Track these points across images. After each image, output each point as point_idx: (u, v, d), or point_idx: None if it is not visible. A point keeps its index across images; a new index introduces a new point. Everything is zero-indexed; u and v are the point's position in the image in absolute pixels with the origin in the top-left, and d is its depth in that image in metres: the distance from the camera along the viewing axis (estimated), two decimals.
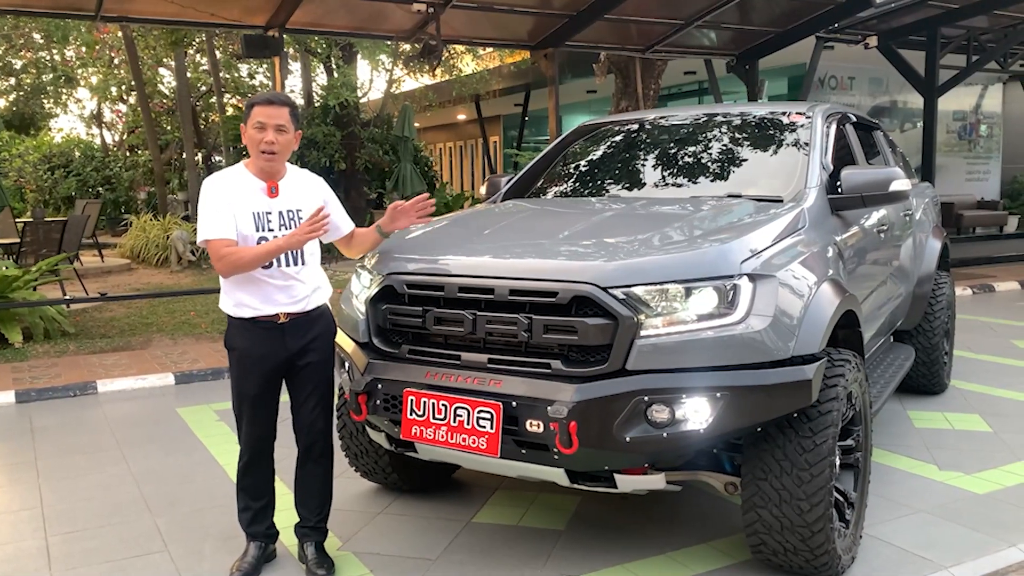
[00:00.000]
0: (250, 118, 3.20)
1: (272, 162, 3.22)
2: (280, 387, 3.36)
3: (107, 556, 3.62)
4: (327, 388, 3.40)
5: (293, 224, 3.24)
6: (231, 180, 3.24)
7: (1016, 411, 5.49)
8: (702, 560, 3.47)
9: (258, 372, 3.26)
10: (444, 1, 8.79)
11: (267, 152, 3.18)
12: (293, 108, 3.25)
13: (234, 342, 3.30)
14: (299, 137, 3.32)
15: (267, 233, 3.19)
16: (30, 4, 7.83)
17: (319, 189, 3.40)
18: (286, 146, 3.22)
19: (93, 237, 15.43)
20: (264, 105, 3.20)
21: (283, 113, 3.20)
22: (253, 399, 3.29)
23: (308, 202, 3.30)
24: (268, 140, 3.16)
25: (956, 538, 3.63)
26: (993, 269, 12.70)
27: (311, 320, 3.31)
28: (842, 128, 4.65)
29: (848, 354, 3.32)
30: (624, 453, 2.92)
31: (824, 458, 3.01)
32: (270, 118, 3.17)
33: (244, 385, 3.29)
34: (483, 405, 3.01)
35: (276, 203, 3.24)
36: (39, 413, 5.94)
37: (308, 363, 3.31)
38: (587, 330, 2.92)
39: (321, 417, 3.39)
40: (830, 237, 3.72)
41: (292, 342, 3.26)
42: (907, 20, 11.97)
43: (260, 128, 3.17)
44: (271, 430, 3.39)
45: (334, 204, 3.43)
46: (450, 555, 3.56)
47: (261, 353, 3.25)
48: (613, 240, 3.24)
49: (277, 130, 3.18)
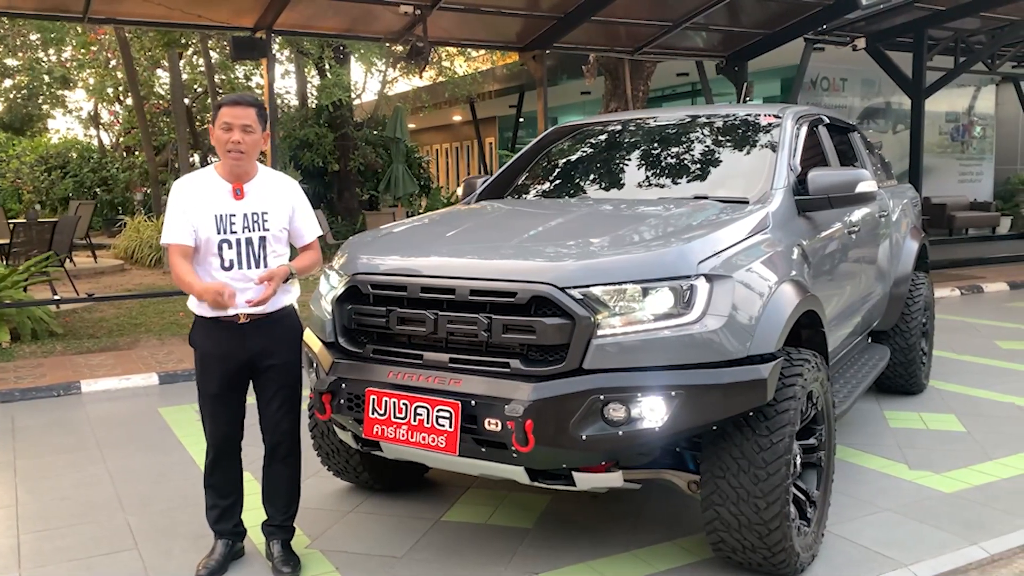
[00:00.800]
0: (217, 119, 3.23)
1: (240, 162, 3.24)
2: (245, 387, 3.39)
3: (76, 554, 3.65)
4: (292, 390, 3.42)
5: (257, 227, 3.25)
6: (198, 182, 3.28)
7: (992, 411, 5.52)
8: (666, 558, 3.50)
9: (219, 371, 3.29)
10: (431, 3, 8.84)
11: (234, 152, 3.20)
12: (260, 108, 3.27)
13: (197, 340, 3.34)
14: (267, 137, 3.34)
15: (229, 236, 3.22)
16: (16, 5, 7.87)
17: (289, 193, 3.39)
18: (253, 146, 3.24)
19: (86, 238, 15.48)
20: (230, 106, 3.22)
21: (249, 113, 3.22)
22: (214, 398, 3.32)
23: (275, 205, 3.32)
24: (235, 140, 3.18)
25: (919, 536, 3.66)
26: (984, 270, 12.73)
27: (273, 322, 3.32)
28: (814, 130, 4.68)
29: (808, 354, 3.35)
30: (581, 451, 2.95)
31: (780, 456, 3.04)
32: (236, 118, 3.19)
33: (205, 383, 3.32)
34: (442, 404, 3.04)
35: (241, 205, 3.26)
36: (21, 413, 5.97)
37: (272, 365, 3.33)
38: (545, 330, 2.95)
39: (286, 418, 3.41)
40: (795, 238, 3.75)
41: (253, 343, 3.28)
42: (895, 22, 12.02)
43: (227, 128, 3.19)
44: (236, 429, 3.41)
45: (303, 210, 3.42)
46: (416, 553, 3.60)
47: (222, 352, 3.27)
48: (574, 241, 3.28)
49: (243, 130, 3.19)
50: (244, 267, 3.24)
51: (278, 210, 3.31)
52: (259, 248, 3.26)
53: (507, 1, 9.29)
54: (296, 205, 3.39)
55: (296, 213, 3.38)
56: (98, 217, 20.49)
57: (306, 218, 3.44)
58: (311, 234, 3.47)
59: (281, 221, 3.32)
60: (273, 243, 3.29)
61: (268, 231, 3.27)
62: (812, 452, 3.46)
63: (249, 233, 3.24)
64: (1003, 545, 3.57)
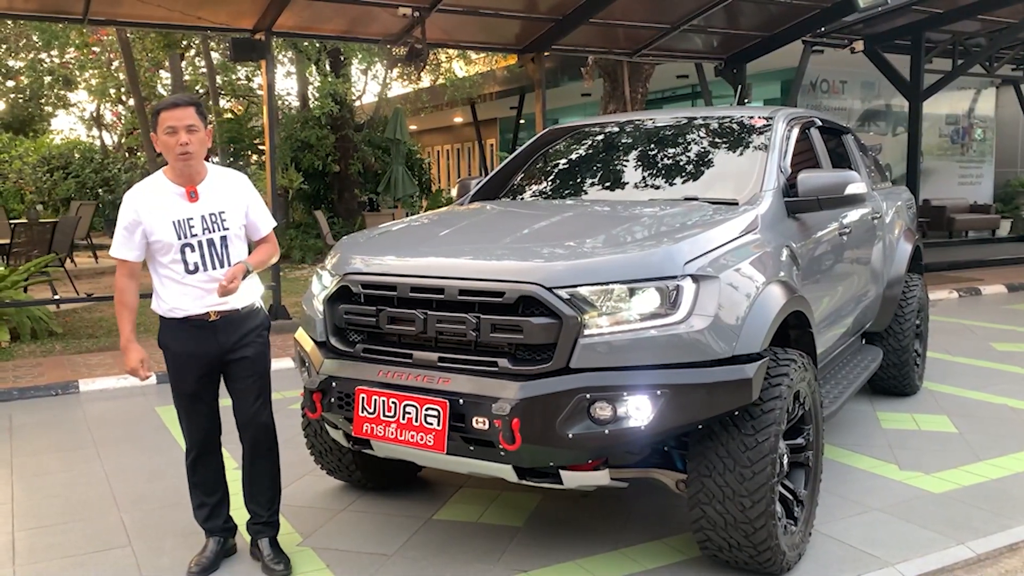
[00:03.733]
0: (159, 124, 3.20)
1: (189, 162, 3.22)
2: (218, 383, 3.41)
3: (70, 551, 3.68)
4: (264, 381, 3.44)
5: (216, 227, 3.26)
6: (149, 191, 3.27)
7: (984, 413, 5.54)
8: (654, 556, 3.53)
9: (193, 369, 3.31)
10: (430, 5, 8.88)
11: (184, 154, 3.19)
12: (198, 106, 3.26)
13: (167, 342, 3.34)
14: (211, 134, 3.34)
15: (191, 239, 3.23)
16: (15, 7, 7.92)
17: (241, 188, 3.40)
18: (200, 145, 3.24)
19: (87, 238, 15.53)
20: (170, 109, 3.21)
21: (189, 113, 3.21)
22: (190, 397, 3.35)
23: (230, 202, 3.33)
24: (183, 142, 3.17)
25: (906, 536, 3.68)
26: (982, 272, 12.74)
27: (242, 317, 3.35)
28: (807, 132, 4.71)
29: (795, 354, 3.37)
30: (567, 449, 2.98)
31: (766, 456, 3.07)
32: (179, 120, 3.18)
33: (180, 384, 3.34)
34: (431, 403, 3.07)
35: (197, 207, 3.26)
36: (20, 412, 6.01)
37: (243, 357, 3.35)
38: (532, 329, 2.98)
39: (263, 410, 3.42)
40: (784, 240, 3.78)
41: (224, 338, 3.31)
42: (893, 24, 12.05)
43: (171, 132, 3.18)
44: (214, 424, 3.44)
45: (256, 204, 3.43)
46: (407, 551, 3.62)
47: (194, 351, 3.29)
48: (562, 241, 3.31)
49: (188, 130, 3.19)
50: (209, 268, 3.26)
51: (234, 207, 3.33)
52: (222, 248, 3.28)
53: (506, 3, 9.32)
54: (250, 200, 3.41)
55: (251, 208, 3.40)
56: (100, 218, 20.54)
57: (260, 212, 3.45)
58: (266, 227, 3.48)
59: (239, 218, 3.34)
60: (234, 240, 3.31)
61: (228, 229, 3.29)
62: (800, 452, 3.48)
63: (210, 234, 3.25)
64: (990, 545, 3.59)
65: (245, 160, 19.43)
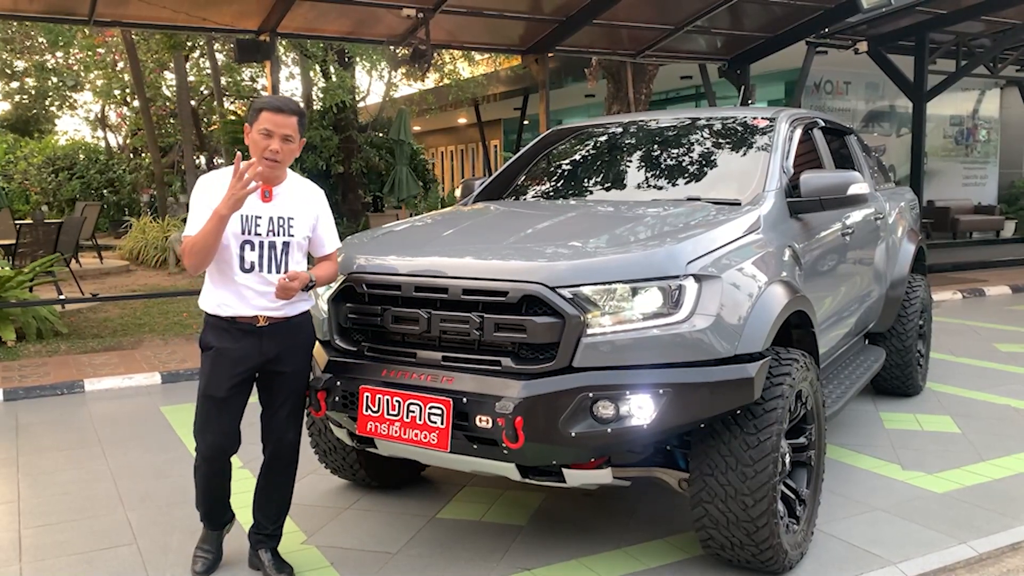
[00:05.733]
0: (257, 122, 3.11)
1: (274, 170, 3.15)
2: (249, 393, 3.29)
3: (76, 548, 3.71)
4: (300, 398, 3.36)
5: (282, 232, 3.18)
6: (225, 180, 3.10)
7: (987, 413, 5.55)
8: (656, 555, 3.54)
9: (230, 373, 3.16)
10: (434, 6, 8.90)
11: (270, 160, 3.11)
12: (302, 117, 3.18)
13: (210, 341, 3.21)
14: (302, 144, 3.26)
15: (253, 238, 3.13)
16: (22, 8, 7.95)
17: (315, 201, 3.31)
18: (289, 155, 3.16)
19: (92, 239, 15.59)
20: (273, 112, 3.11)
21: (292, 123, 3.12)
22: (220, 403, 3.18)
23: (301, 211, 3.23)
24: (273, 149, 3.09)
25: (908, 535, 3.69)
26: (986, 274, 12.72)
27: (291, 327, 3.24)
28: (809, 133, 4.72)
29: (797, 353, 3.39)
30: (570, 448, 2.99)
31: (768, 454, 3.08)
32: (278, 127, 3.10)
33: (213, 387, 3.18)
34: (434, 401, 3.09)
35: (268, 208, 3.17)
36: (26, 411, 6.04)
37: (284, 371, 3.25)
38: (536, 328, 2.99)
39: (292, 428, 3.35)
40: (787, 240, 3.79)
41: (269, 347, 3.19)
42: (897, 25, 12.05)
43: (266, 135, 3.10)
44: (232, 441, 3.26)
45: (326, 220, 3.35)
46: (410, 549, 3.64)
47: (236, 354, 3.16)
48: (566, 241, 3.32)
49: (284, 140, 3.11)
50: (264, 271, 3.15)
51: (304, 217, 3.24)
52: (282, 253, 3.18)
53: (510, 4, 9.33)
54: (321, 214, 3.31)
55: (320, 222, 3.31)
56: (104, 218, 20.62)
57: (329, 228, 3.36)
58: (332, 245, 3.38)
59: (306, 229, 3.24)
60: (295, 250, 3.22)
61: (293, 237, 3.19)
62: (802, 451, 3.50)
63: (273, 237, 3.16)
64: (991, 544, 3.60)
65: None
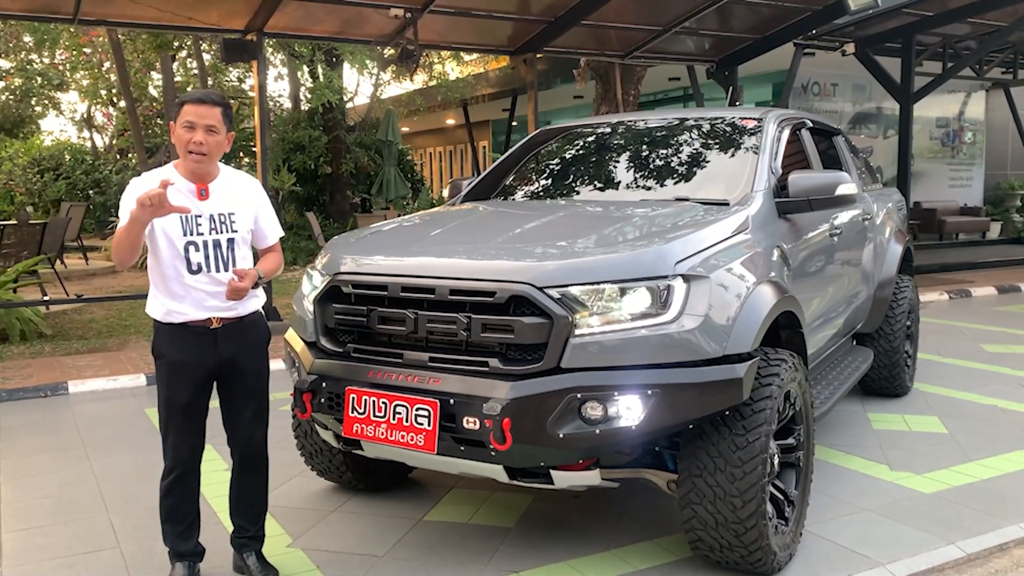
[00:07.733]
0: (180, 116, 3.06)
1: (201, 163, 3.08)
2: (210, 395, 3.24)
3: (59, 552, 3.66)
4: (263, 397, 3.31)
5: (224, 229, 3.13)
6: (155, 182, 3.01)
7: (974, 413, 5.56)
8: (645, 556, 3.52)
9: (190, 379, 3.12)
10: (422, 7, 8.86)
11: (195, 153, 3.04)
12: (226, 108, 3.12)
13: (163, 349, 3.14)
14: (231, 139, 3.20)
15: (196, 238, 3.08)
16: (4, 6, 7.87)
17: (254, 193, 3.27)
18: (216, 147, 3.09)
19: (78, 240, 15.47)
20: (194, 103, 3.05)
21: (215, 113, 3.07)
22: (184, 408, 3.14)
23: (241, 205, 3.19)
24: (196, 140, 3.03)
25: (897, 536, 3.69)
26: (973, 274, 12.79)
27: (244, 327, 3.20)
28: (797, 134, 4.72)
29: (785, 354, 3.38)
30: (558, 449, 2.97)
31: (756, 455, 3.07)
32: (200, 118, 3.04)
33: (174, 394, 3.13)
34: (421, 403, 3.06)
35: (206, 206, 3.11)
36: (8, 413, 5.97)
37: (243, 371, 3.21)
38: (523, 329, 2.97)
39: (259, 427, 3.30)
40: (775, 240, 3.78)
41: (225, 348, 3.15)
42: (884, 27, 12.10)
43: (189, 128, 3.03)
44: (201, 441, 3.24)
45: (267, 211, 3.31)
46: (397, 552, 3.61)
47: (192, 360, 3.11)
48: (553, 241, 3.31)
49: (207, 131, 3.05)
50: (212, 270, 3.10)
51: (244, 211, 3.20)
52: (227, 250, 3.12)
53: (498, 4, 9.31)
54: (261, 205, 3.27)
55: (261, 213, 3.27)
56: (90, 219, 20.46)
57: (270, 219, 3.32)
58: (274, 235, 3.35)
59: (248, 222, 3.20)
60: (241, 245, 3.17)
61: (236, 232, 3.15)
62: (790, 452, 3.49)
63: (216, 235, 3.10)
64: (979, 545, 3.60)
65: (236, 162, 19.37)
